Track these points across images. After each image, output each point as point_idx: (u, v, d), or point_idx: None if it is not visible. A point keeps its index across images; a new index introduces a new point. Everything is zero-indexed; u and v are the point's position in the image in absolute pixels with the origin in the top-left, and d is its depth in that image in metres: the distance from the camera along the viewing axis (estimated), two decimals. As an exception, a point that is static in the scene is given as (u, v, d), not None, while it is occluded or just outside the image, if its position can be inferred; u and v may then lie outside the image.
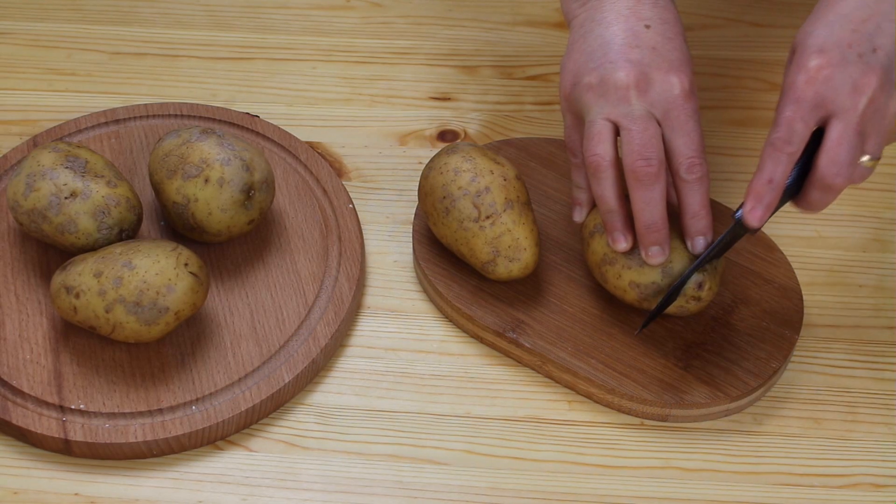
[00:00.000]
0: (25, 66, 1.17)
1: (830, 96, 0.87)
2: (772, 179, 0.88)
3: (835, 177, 0.88)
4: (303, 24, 1.21)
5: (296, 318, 0.99)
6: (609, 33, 0.94)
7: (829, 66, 0.86)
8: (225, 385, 0.95)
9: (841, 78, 0.86)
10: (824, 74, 0.86)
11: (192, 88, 1.16)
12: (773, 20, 1.22)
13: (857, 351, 1.00)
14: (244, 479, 0.93)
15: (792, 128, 0.87)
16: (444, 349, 1.00)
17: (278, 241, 1.03)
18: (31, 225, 0.98)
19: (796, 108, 0.87)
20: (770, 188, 0.88)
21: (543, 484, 0.93)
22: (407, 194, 1.09)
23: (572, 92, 0.95)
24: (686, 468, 0.94)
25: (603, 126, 0.92)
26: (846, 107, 0.87)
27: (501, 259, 0.97)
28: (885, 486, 0.93)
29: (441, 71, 1.18)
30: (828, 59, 0.87)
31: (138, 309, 0.92)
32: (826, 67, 0.86)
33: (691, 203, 0.92)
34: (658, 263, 0.93)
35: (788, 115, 0.87)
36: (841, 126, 0.87)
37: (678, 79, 0.92)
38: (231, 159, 0.98)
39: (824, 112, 0.87)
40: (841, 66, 0.86)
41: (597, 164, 0.92)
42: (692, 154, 0.91)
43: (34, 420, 0.93)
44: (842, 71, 0.86)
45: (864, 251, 1.06)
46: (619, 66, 0.92)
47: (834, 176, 0.88)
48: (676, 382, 0.95)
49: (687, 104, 0.92)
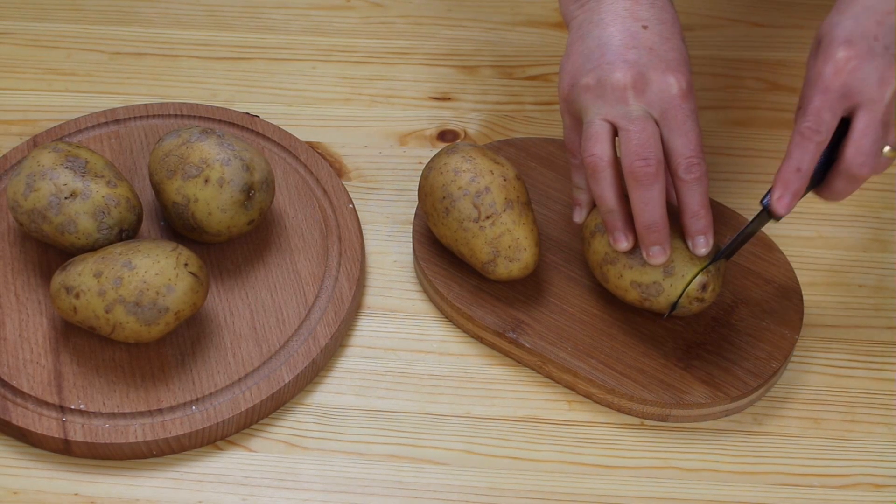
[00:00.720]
0: (25, 66, 1.17)
1: (857, 87, 0.88)
2: (800, 168, 0.89)
3: (861, 167, 0.89)
4: (303, 24, 1.21)
5: (296, 318, 0.99)
6: (606, 34, 0.94)
7: (857, 57, 0.88)
8: (225, 385, 0.95)
9: (868, 69, 0.88)
10: (852, 66, 0.88)
11: (192, 88, 1.16)
12: (774, 20, 1.22)
13: (857, 351, 1.00)
14: (244, 479, 0.93)
15: (820, 117, 0.88)
16: (443, 349, 1.00)
17: (278, 241, 1.03)
18: (31, 225, 0.98)
19: (824, 98, 0.88)
20: (798, 176, 0.90)
21: (543, 484, 0.93)
22: (407, 194, 1.08)
23: (570, 93, 0.95)
24: (686, 468, 0.94)
25: (601, 126, 0.93)
26: (873, 98, 0.88)
27: (501, 259, 0.97)
28: (885, 486, 0.93)
29: (441, 71, 1.18)
30: (855, 50, 0.88)
31: (138, 309, 0.92)
32: (853, 59, 0.88)
33: (690, 203, 0.92)
34: (659, 263, 0.93)
35: (817, 104, 0.88)
36: (867, 117, 0.88)
37: (675, 78, 0.92)
38: (231, 159, 0.98)
39: (851, 103, 0.89)
40: (868, 58, 0.88)
41: (595, 165, 0.93)
42: (690, 154, 0.91)
43: (34, 420, 0.93)
44: (869, 62, 0.88)
45: (864, 251, 1.06)
46: (616, 67, 0.92)
47: (860, 166, 0.89)
48: (676, 382, 0.95)
49: (684, 104, 0.92)
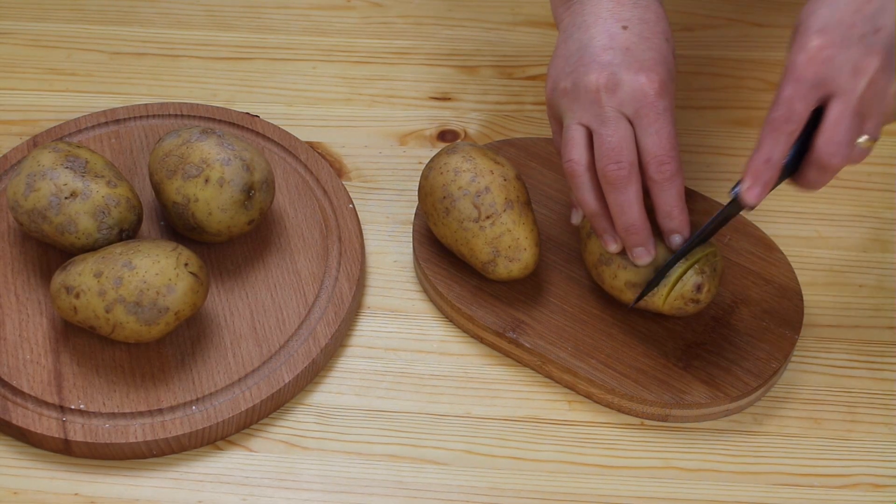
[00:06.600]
0: (25, 66, 1.17)
1: (831, 77, 0.86)
2: (770, 158, 0.88)
3: (832, 157, 0.88)
4: (303, 24, 1.21)
5: (296, 318, 0.99)
6: (587, 37, 0.93)
7: (831, 46, 0.86)
8: (225, 385, 0.95)
9: (842, 59, 0.86)
10: (825, 55, 0.86)
11: (192, 88, 1.16)
12: (773, 20, 1.22)
13: (857, 351, 1.00)
14: (244, 479, 0.93)
15: (791, 107, 0.87)
16: (444, 349, 1.00)
17: (278, 241, 1.03)
18: (31, 225, 0.98)
19: (796, 88, 0.87)
20: (768, 167, 0.88)
21: (543, 484, 0.93)
22: (407, 194, 1.08)
23: (551, 97, 0.95)
24: (686, 468, 0.94)
25: (576, 131, 0.92)
26: (846, 88, 0.87)
27: (501, 259, 0.97)
28: (885, 486, 0.93)
29: (441, 71, 1.18)
30: (829, 39, 0.86)
31: (138, 309, 0.92)
32: (827, 48, 0.86)
33: (662, 202, 0.92)
34: (645, 263, 0.93)
35: (788, 94, 0.87)
36: (840, 107, 0.87)
37: (647, 78, 0.91)
38: (231, 159, 0.98)
39: (824, 92, 0.87)
40: (842, 47, 0.86)
41: (572, 170, 0.93)
42: (660, 153, 0.91)
43: (34, 420, 0.93)
44: (843, 52, 0.86)
45: (864, 251, 1.05)
46: (590, 69, 0.92)
47: (831, 156, 0.88)
48: (676, 382, 0.95)
49: (657, 102, 0.91)
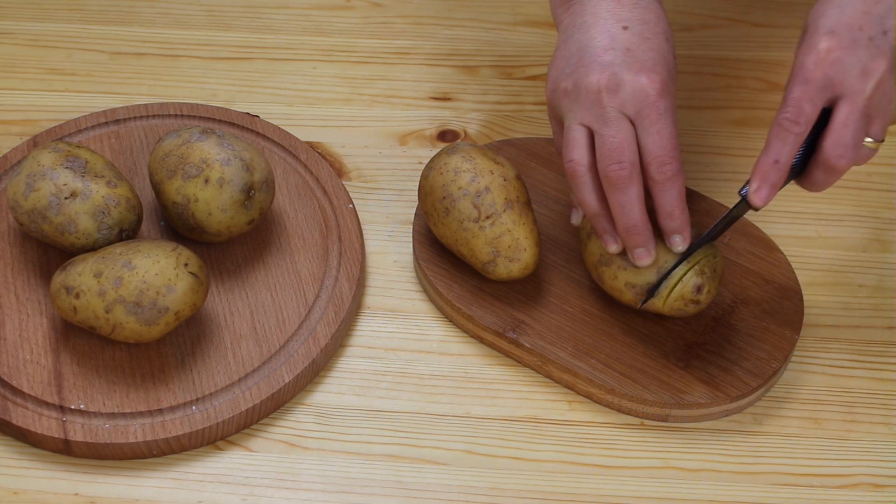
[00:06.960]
0: (25, 66, 1.17)
1: (839, 78, 0.87)
2: (778, 160, 0.88)
3: (839, 158, 0.88)
4: (303, 24, 1.21)
5: (296, 318, 0.99)
6: (587, 38, 0.93)
7: (840, 48, 0.87)
8: (225, 385, 0.95)
9: (850, 61, 0.87)
10: (834, 56, 0.87)
11: (192, 88, 1.16)
12: (773, 20, 1.22)
13: (857, 351, 1.00)
14: (244, 479, 0.93)
15: (800, 108, 0.87)
16: (443, 349, 1.00)
17: (278, 241, 1.03)
18: (31, 225, 0.98)
19: (805, 89, 0.87)
20: (776, 168, 0.89)
21: (543, 484, 0.93)
22: (407, 194, 1.08)
23: (552, 98, 0.95)
24: (686, 468, 0.94)
25: (577, 132, 0.92)
26: (854, 89, 0.87)
27: (501, 259, 0.97)
28: (885, 486, 0.93)
29: (441, 71, 1.18)
30: (838, 41, 0.87)
31: (138, 309, 0.92)
32: (836, 49, 0.87)
33: (664, 203, 0.92)
34: (645, 265, 0.93)
35: (797, 95, 0.87)
36: (848, 108, 0.87)
37: (648, 78, 0.91)
38: (231, 159, 0.98)
39: (832, 94, 0.88)
40: (851, 49, 0.87)
41: (573, 171, 0.93)
42: (661, 153, 0.90)
43: (34, 420, 0.93)
44: (852, 54, 0.87)
45: (864, 251, 1.05)
46: (591, 70, 0.92)
47: (838, 158, 0.88)
48: (676, 382, 0.95)
49: (659, 102, 0.91)
